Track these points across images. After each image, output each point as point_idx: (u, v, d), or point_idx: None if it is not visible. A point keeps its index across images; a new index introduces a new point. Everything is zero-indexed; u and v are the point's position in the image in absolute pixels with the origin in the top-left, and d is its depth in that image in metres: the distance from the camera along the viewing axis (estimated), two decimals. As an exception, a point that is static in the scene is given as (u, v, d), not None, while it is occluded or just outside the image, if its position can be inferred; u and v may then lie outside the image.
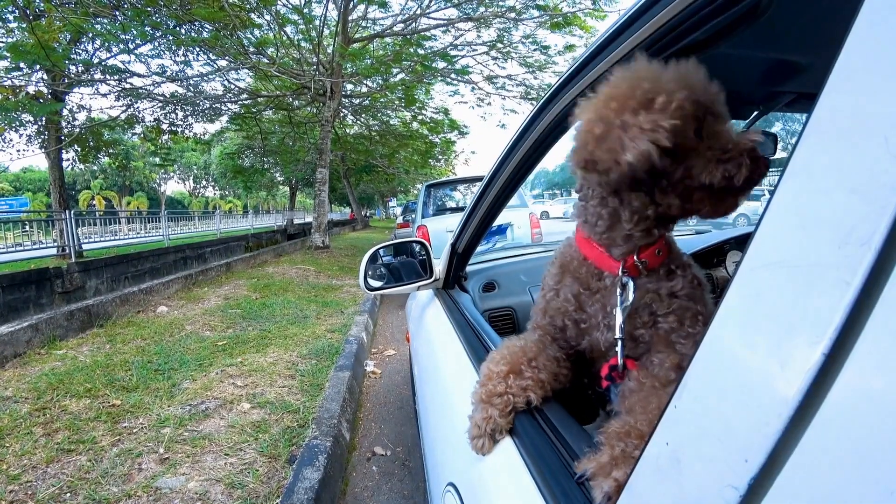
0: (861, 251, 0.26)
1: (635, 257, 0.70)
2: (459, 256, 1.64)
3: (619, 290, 0.69)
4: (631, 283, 0.69)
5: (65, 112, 10.68)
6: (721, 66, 1.17)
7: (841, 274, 0.27)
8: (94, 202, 37.56)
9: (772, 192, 0.33)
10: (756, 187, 0.65)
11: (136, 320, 4.96)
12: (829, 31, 0.76)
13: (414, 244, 1.75)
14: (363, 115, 16.14)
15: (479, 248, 1.75)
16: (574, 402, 0.80)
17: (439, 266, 1.72)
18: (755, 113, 1.54)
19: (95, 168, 33.50)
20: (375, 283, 1.62)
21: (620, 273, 0.69)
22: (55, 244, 9.73)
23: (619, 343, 0.69)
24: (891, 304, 0.24)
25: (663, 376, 0.65)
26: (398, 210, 26.74)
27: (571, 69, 0.95)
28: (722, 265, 2.19)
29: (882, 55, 0.27)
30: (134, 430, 2.52)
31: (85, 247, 10.15)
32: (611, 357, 0.73)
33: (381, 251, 1.73)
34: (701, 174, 0.61)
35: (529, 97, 12.26)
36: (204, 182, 52.80)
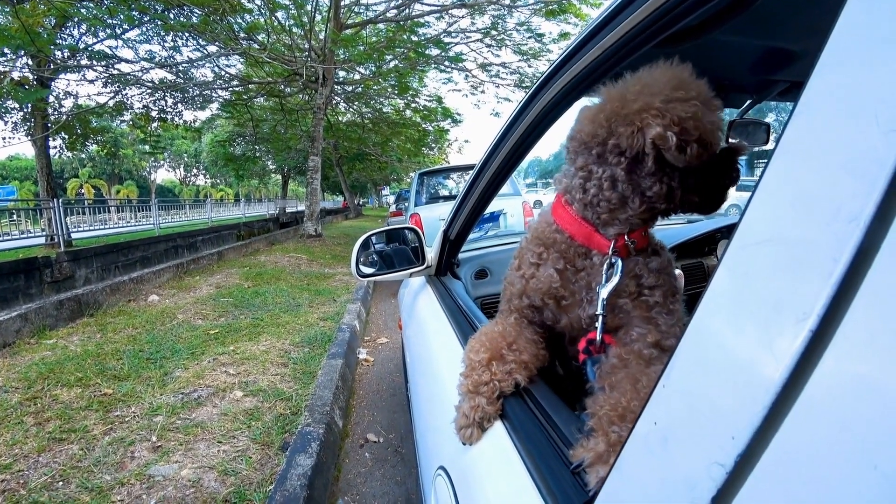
0: (850, 228, 0.26)
1: (626, 237, 0.71)
2: (451, 243, 1.64)
3: (605, 269, 0.70)
4: (619, 263, 0.70)
5: (51, 99, 10.49)
6: (714, 54, 1.17)
7: (829, 251, 0.26)
8: (83, 190, 37.08)
9: (762, 171, 0.33)
10: (748, 178, 0.67)
11: (126, 309, 4.92)
12: (821, 18, 0.76)
13: (406, 231, 1.74)
14: (356, 103, 15.99)
15: (471, 236, 1.74)
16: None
17: (431, 253, 1.71)
18: (748, 102, 1.54)
19: (83, 156, 33.05)
20: (367, 270, 1.62)
21: (611, 252, 0.71)
22: (43, 233, 9.64)
23: (600, 318, 0.70)
24: (878, 280, 0.24)
25: (646, 353, 0.66)
26: (391, 198, 26.65)
27: (563, 55, 0.94)
28: (713, 254, 2.21)
29: (873, 33, 0.27)
30: (126, 419, 2.51)
31: (74, 236, 10.04)
32: (589, 332, 0.73)
33: (373, 238, 1.72)
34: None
35: (523, 85, 12.17)
36: (195, 170, 52.24)
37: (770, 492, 0.27)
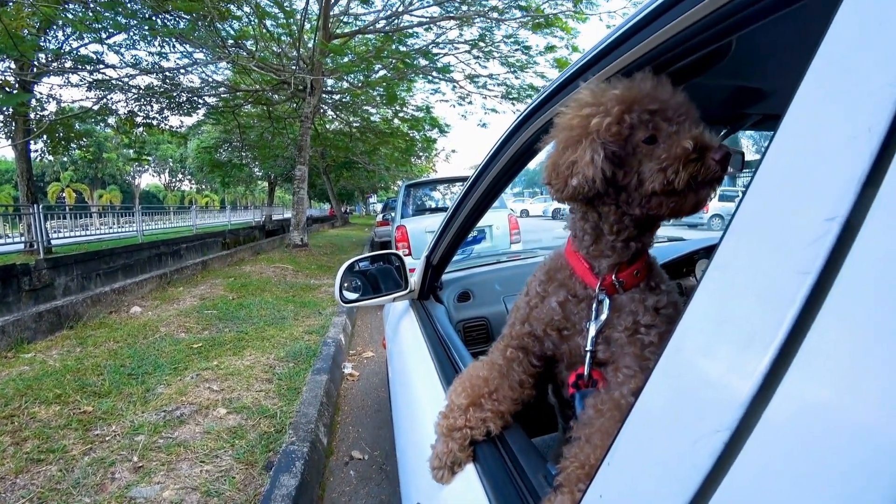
0: (814, 251, 0.29)
1: (613, 276, 0.73)
2: (434, 268, 1.67)
3: (594, 306, 0.73)
4: (606, 301, 0.72)
5: (33, 102, 10.32)
6: (692, 93, 1.23)
7: (794, 278, 0.30)
8: (64, 195, 36.40)
9: (736, 208, 0.37)
10: (721, 185, 0.68)
11: (108, 321, 4.85)
12: (786, 65, 0.83)
13: (391, 256, 1.76)
14: (344, 112, 16.00)
15: (454, 257, 1.77)
16: (539, 411, 0.83)
17: (414, 277, 1.74)
18: (723, 132, 1.61)
19: (65, 159, 32.51)
20: (351, 296, 1.63)
21: (597, 290, 0.73)
22: (22, 239, 9.46)
23: (588, 355, 0.72)
24: (834, 309, 0.28)
25: (623, 404, 0.66)
26: (378, 206, 26.62)
27: (541, 98, 0.97)
28: (692, 274, 2.26)
29: (845, 76, 0.31)
30: (106, 438, 2.48)
31: (54, 242, 9.89)
32: (579, 366, 0.75)
33: (358, 263, 1.74)
34: (646, 182, 0.65)
35: (510, 97, 12.32)
36: (180, 175, 51.63)
37: None
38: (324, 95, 13.05)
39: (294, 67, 10.76)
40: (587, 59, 0.76)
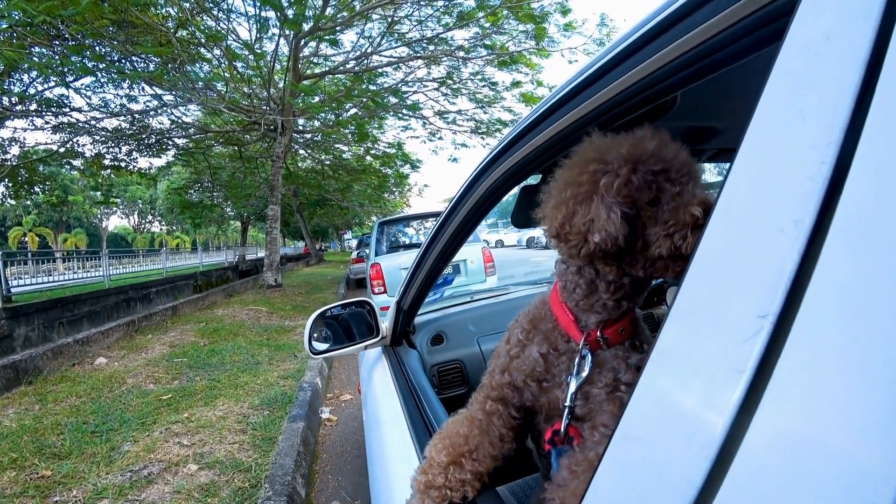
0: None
1: (598, 332, 0.72)
2: (405, 313, 1.67)
3: (577, 360, 0.71)
4: (589, 357, 0.71)
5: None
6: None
7: (732, 380, 0.31)
8: (26, 239, 35.11)
9: (673, 298, 0.38)
10: None
11: (70, 375, 4.64)
12: (733, 106, 0.89)
13: (363, 303, 1.75)
14: (315, 150, 16.09)
15: (427, 298, 1.77)
16: (516, 454, 0.83)
17: (385, 323, 1.73)
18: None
19: (28, 203, 31.55)
20: (321, 347, 1.61)
21: (581, 345, 0.71)
22: (-20, 290, 9.05)
23: (566, 410, 0.71)
24: (770, 410, 0.29)
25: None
26: (354, 242, 26.49)
27: (507, 140, 0.99)
28: (663, 303, 2.31)
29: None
30: (67, 504, 2.34)
31: (14, 290, 9.49)
32: (556, 420, 0.74)
33: (329, 311, 1.72)
34: (652, 245, 0.63)
35: (479, 131, 12.61)
36: (150, 217, 50.60)
37: None
38: (295, 135, 13.10)
39: (265, 108, 10.82)
40: (553, 101, 0.77)
